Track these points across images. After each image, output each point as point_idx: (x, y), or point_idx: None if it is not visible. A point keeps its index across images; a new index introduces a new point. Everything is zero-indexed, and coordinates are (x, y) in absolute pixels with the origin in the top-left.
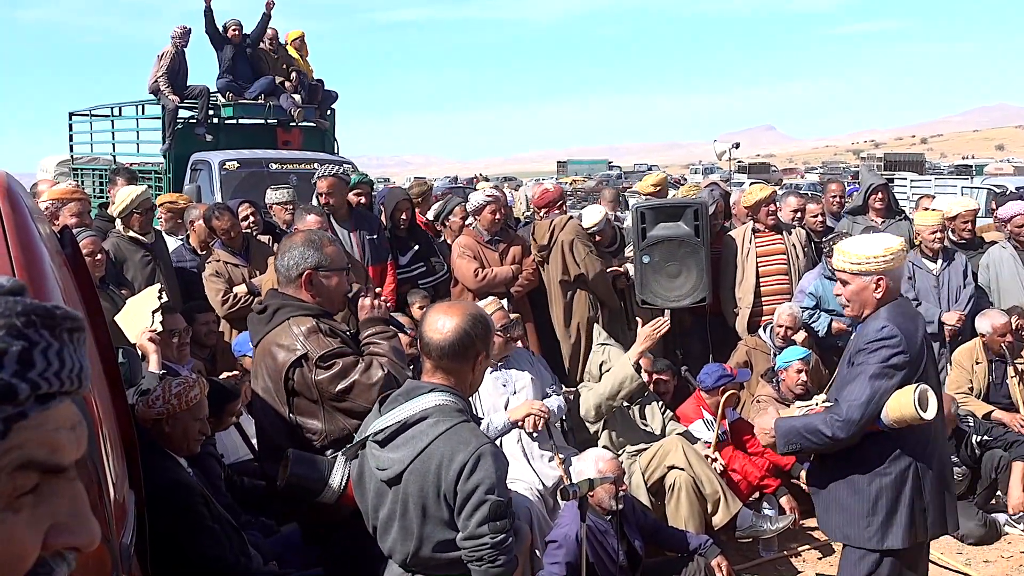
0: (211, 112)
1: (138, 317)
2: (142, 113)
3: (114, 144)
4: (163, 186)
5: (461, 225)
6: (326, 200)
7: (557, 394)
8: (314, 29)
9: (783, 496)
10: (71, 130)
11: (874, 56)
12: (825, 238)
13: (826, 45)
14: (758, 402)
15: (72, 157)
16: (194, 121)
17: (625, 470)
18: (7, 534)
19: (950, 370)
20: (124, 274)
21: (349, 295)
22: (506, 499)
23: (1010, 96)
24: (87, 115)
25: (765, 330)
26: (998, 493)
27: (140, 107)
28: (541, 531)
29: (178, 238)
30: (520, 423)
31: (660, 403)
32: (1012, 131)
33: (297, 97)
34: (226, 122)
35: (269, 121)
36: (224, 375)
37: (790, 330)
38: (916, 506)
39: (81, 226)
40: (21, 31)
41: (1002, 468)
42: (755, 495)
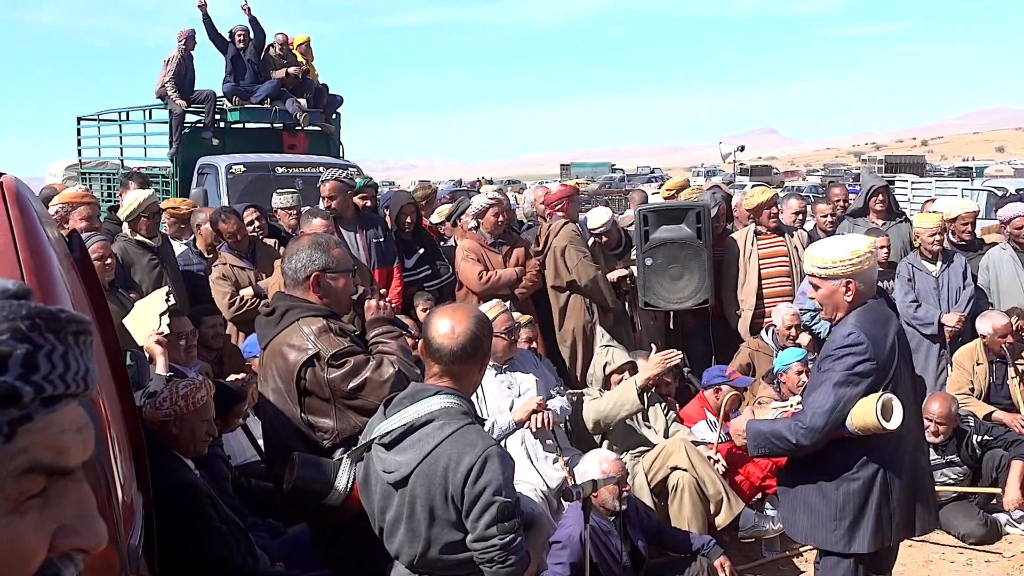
0: (217, 116)
1: (146, 320)
2: (149, 118)
3: (122, 148)
4: (170, 190)
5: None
6: (329, 203)
7: (561, 395)
8: (318, 33)
9: None
10: (79, 134)
11: (875, 58)
12: None
13: (827, 47)
14: (760, 404)
15: (80, 161)
16: (201, 125)
17: (628, 471)
18: (14, 535)
19: (951, 371)
20: (132, 277)
21: (355, 297)
22: (514, 500)
23: (1011, 98)
24: (95, 120)
25: (767, 332)
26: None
27: (148, 112)
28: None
29: (183, 242)
30: (524, 422)
31: (663, 404)
32: (1012, 133)
33: (303, 101)
34: (232, 126)
35: (275, 125)
36: (231, 377)
37: (795, 329)
38: (883, 511)
39: (91, 230)
40: (29, 34)
41: (1003, 468)
42: (758, 496)
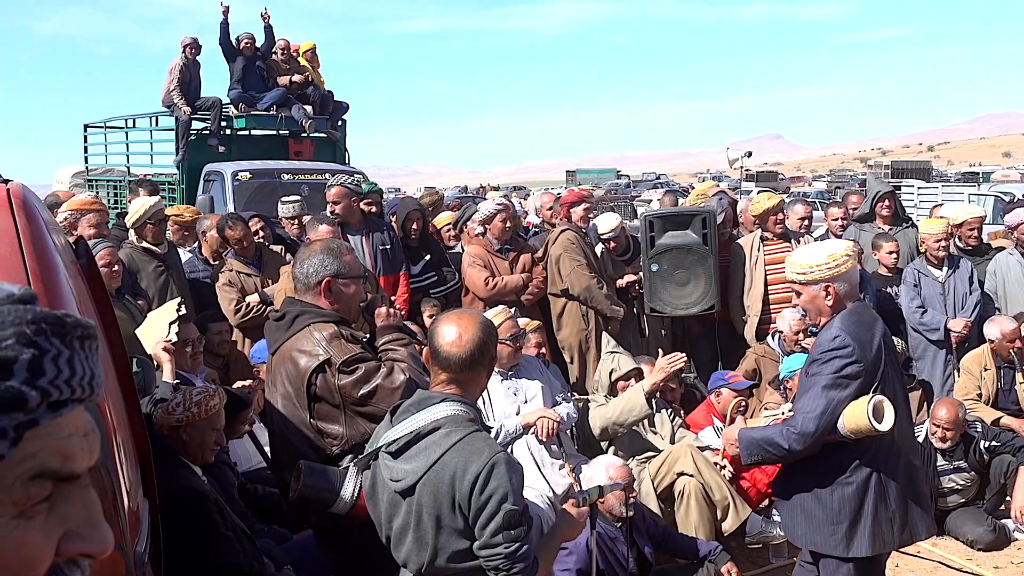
0: (223, 123)
1: (156, 329)
2: (156, 125)
3: (128, 156)
4: (176, 197)
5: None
6: (333, 208)
7: (567, 402)
8: (323, 40)
9: None
10: (86, 142)
11: (881, 64)
12: None
13: (834, 52)
14: (766, 409)
15: (87, 168)
16: (207, 132)
17: (635, 477)
18: (20, 540)
19: (958, 376)
20: (138, 284)
21: (364, 303)
22: (521, 507)
23: (1019, 104)
24: (102, 127)
25: (774, 337)
26: (1007, 498)
27: (154, 119)
28: None
29: (187, 249)
30: (532, 427)
31: (669, 410)
32: (1019, 138)
33: (308, 108)
34: (238, 133)
35: (281, 132)
36: (237, 384)
37: (802, 334)
38: (881, 515)
39: (99, 237)
40: (36, 41)
41: (1010, 473)
42: (764, 501)
